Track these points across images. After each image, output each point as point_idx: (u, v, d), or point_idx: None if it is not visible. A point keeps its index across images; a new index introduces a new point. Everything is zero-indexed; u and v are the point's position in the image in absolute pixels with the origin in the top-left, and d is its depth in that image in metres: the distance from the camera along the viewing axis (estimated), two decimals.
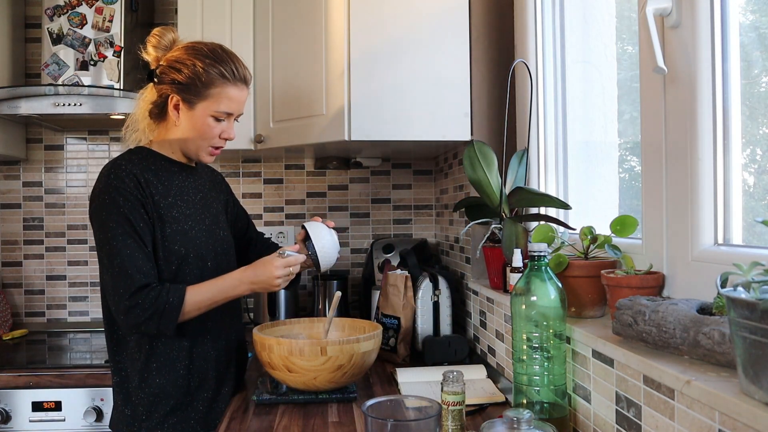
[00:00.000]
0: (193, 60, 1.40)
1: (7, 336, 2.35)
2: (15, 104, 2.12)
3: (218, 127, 1.45)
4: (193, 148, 1.47)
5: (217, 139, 1.46)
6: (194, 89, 1.40)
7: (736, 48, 0.97)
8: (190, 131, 1.44)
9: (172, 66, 1.41)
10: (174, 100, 1.42)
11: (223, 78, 1.41)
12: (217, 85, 1.41)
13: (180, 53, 1.43)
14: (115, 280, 1.32)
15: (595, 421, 1.10)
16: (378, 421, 0.97)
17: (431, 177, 2.64)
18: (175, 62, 1.42)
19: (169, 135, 1.47)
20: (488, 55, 1.84)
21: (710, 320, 0.81)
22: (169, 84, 1.41)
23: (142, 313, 1.31)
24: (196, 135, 1.44)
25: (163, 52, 1.45)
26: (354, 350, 1.39)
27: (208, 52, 1.42)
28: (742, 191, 0.98)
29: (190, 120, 1.43)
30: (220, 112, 1.43)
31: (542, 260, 1.12)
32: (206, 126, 1.43)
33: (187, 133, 1.44)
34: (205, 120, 1.43)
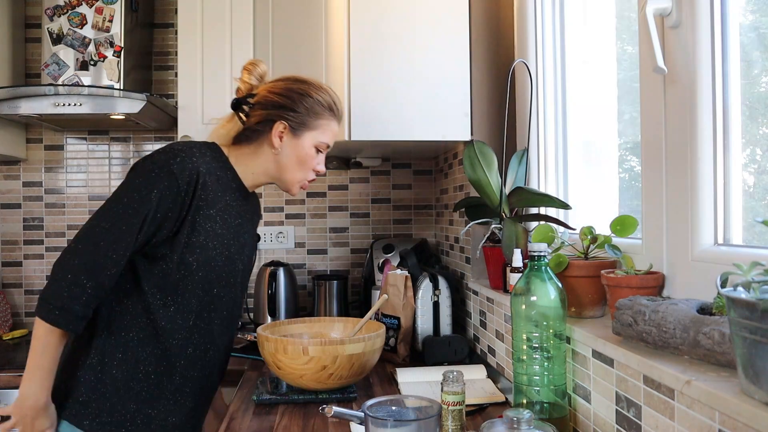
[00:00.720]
0: (304, 89, 1.42)
1: (7, 336, 2.36)
2: (15, 104, 2.12)
3: (317, 158, 1.46)
4: (289, 177, 1.45)
5: (312, 171, 1.46)
6: (304, 118, 1.41)
7: (736, 48, 0.97)
8: (290, 159, 1.43)
9: (280, 93, 1.41)
10: (280, 126, 1.40)
11: (330, 111, 1.44)
12: (326, 117, 1.43)
13: (287, 83, 1.43)
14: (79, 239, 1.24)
15: (595, 421, 1.10)
16: (378, 420, 0.97)
17: (431, 177, 2.64)
18: (286, 90, 1.42)
19: (257, 157, 1.43)
20: (488, 55, 1.84)
21: (710, 320, 0.81)
22: (276, 110, 1.40)
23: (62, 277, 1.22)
24: (296, 164, 1.43)
25: (257, 81, 1.45)
26: (338, 352, 1.39)
27: (318, 86, 1.45)
28: (742, 191, 0.98)
29: (293, 148, 1.42)
30: (322, 143, 1.44)
31: (542, 260, 1.12)
32: (309, 156, 1.43)
33: (286, 161, 1.43)
34: (309, 150, 1.43)
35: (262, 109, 1.42)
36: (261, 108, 1.42)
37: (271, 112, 1.41)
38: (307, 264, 2.59)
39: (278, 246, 2.58)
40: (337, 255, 2.60)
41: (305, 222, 2.60)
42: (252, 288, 2.47)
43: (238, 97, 1.46)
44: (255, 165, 1.45)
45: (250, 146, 1.44)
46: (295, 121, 1.41)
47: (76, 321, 1.23)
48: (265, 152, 1.43)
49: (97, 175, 2.58)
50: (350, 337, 1.44)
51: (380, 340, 1.49)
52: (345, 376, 1.43)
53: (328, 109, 1.44)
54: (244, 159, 1.44)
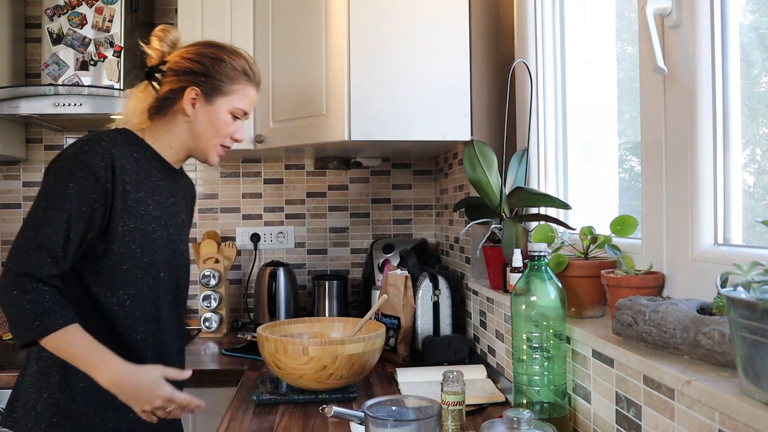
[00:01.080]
0: (216, 53, 1.38)
1: (7, 336, 2.35)
2: (15, 104, 2.12)
3: (233, 125, 1.41)
4: (204, 145, 1.41)
5: (229, 138, 1.42)
6: (217, 83, 1.36)
7: (736, 48, 0.97)
8: (204, 126, 1.38)
9: (191, 58, 1.37)
10: (192, 92, 1.35)
11: (245, 76, 1.40)
12: (241, 82, 1.39)
13: (199, 47, 1.39)
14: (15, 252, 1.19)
15: (595, 421, 1.10)
16: (378, 420, 0.97)
17: (431, 177, 2.64)
18: (198, 56, 1.37)
19: (173, 130, 1.39)
20: (488, 55, 1.84)
21: (710, 320, 0.81)
22: (187, 76, 1.36)
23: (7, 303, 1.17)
24: (211, 131, 1.39)
25: (168, 48, 1.40)
26: (338, 352, 1.39)
27: (233, 50, 1.41)
28: (742, 191, 0.98)
29: (207, 114, 1.38)
30: (238, 109, 1.40)
31: (542, 260, 1.12)
32: (223, 122, 1.39)
33: (200, 128, 1.38)
34: (224, 116, 1.39)
35: (174, 76, 1.37)
36: (173, 74, 1.37)
37: (182, 78, 1.36)
38: (307, 264, 2.59)
39: (278, 246, 2.58)
40: (337, 255, 2.60)
41: (305, 222, 2.60)
42: (252, 288, 2.47)
43: (150, 66, 1.40)
44: (171, 138, 1.40)
45: (164, 118, 1.39)
46: (207, 86, 1.36)
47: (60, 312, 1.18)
48: (179, 122, 1.39)
49: None
50: (350, 337, 1.44)
51: (380, 340, 1.49)
52: (345, 376, 1.43)
53: (243, 74, 1.39)
54: (160, 134, 1.40)
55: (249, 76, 1.41)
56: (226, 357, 2.00)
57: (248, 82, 1.41)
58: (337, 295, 2.38)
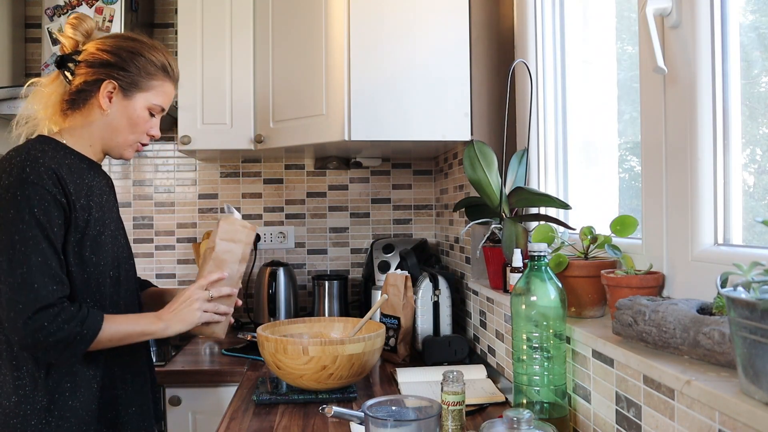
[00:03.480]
0: (135, 47, 1.34)
1: None
2: (15, 104, 2.12)
3: (150, 121, 1.38)
4: (120, 140, 1.36)
5: (145, 135, 1.38)
6: (135, 78, 1.33)
7: (736, 48, 0.97)
8: (120, 121, 1.34)
9: (108, 50, 1.32)
10: (109, 86, 1.31)
11: (164, 72, 1.37)
12: (159, 78, 1.36)
13: (117, 40, 1.34)
14: (15, 293, 1.14)
15: (595, 421, 1.10)
16: (378, 420, 0.97)
17: (431, 177, 2.64)
18: (116, 48, 1.32)
19: (90, 125, 1.34)
20: (488, 55, 1.84)
21: (710, 320, 0.81)
22: (104, 68, 1.31)
23: (45, 339, 1.14)
24: (127, 126, 1.35)
25: (83, 38, 1.35)
26: (338, 352, 1.39)
27: (149, 43, 1.37)
28: (742, 191, 0.98)
29: (124, 110, 1.33)
30: (156, 106, 1.37)
31: (542, 260, 1.12)
32: (140, 118, 1.35)
33: (117, 123, 1.34)
34: (141, 112, 1.35)
35: (89, 67, 1.31)
36: (88, 66, 1.32)
37: (98, 70, 1.31)
38: (307, 264, 2.59)
39: (278, 246, 2.58)
40: (337, 255, 2.60)
41: (305, 222, 2.60)
42: (252, 288, 2.47)
43: (62, 54, 1.35)
44: (90, 135, 1.35)
45: (80, 113, 1.33)
46: (125, 80, 1.32)
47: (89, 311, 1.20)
48: (95, 117, 1.33)
49: None
50: (350, 337, 1.44)
51: (380, 340, 1.49)
52: (345, 376, 1.43)
53: (161, 69, 1.36)
54: (78, 132, 1.34)
55: (168, 72, 1.38)
56: (226, 357, 2.00)
57: (166, 78, 1.38)
58: (337, 295, 2.38)
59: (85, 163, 1.34)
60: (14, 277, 1.15)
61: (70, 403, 1.23)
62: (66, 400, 1.23)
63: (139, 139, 1.38)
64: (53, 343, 1.15)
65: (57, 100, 1.34)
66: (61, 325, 1.15)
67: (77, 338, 1.17)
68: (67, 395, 1.23)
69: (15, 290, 1.15)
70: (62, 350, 1.17)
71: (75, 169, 1.29)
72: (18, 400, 1.21)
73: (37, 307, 1.14)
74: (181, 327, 1.31)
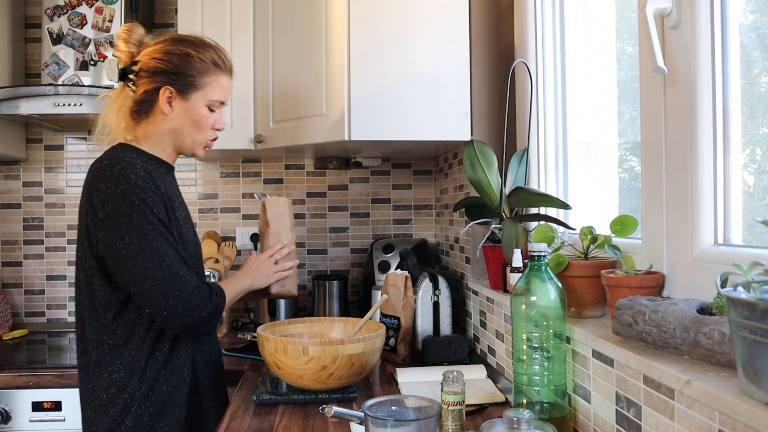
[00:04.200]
0: (183, 49, 1.38)
1: (7, 336, 2.35)
2: (15, 104, 2.12)
3: (212, 117, 1.44)
4: (188, 141, 1.43)
5: (211, 130, 1.45)
6: (188, 79, 1.38)
7: (736, 48, 0.97)
8: (184, 123, 1.41)
9: (160, 58, 1.37)
10: (167, 92, 1.37)
11: (216, 66, 1.41)
12: (212, 74, 1.41)
13: (165, 45, 1.39)
14: (168, 283, 1.27)
15: (595, 421, 1.10)
16: (378, 420, 0.97)
17: (431, 177, 2.64)
18: (165, 54, 1.38)
19: (159, 130, 1.42)
20: (488, 55, 1.84)
21: (710, 320, 0.81)
22: (159, 76, 1.37)
23: (200, 315, 1.31)
24: (191, 127, 1.41)
25: (136, 48, 1.40)
26: (338, 352, 1.39)
27: (197, 42, 1.41)
28: (742, 191, 0.98)
29: (185, 112, 1.40)
30: (214, 101, 1.42)
31: (542, 260, 1.12)
32: (202, 116, 1.41)
33: (181, 125, 1.41)
34: (201, 110, 1.41)
35: (147, 77, 1.38)
36: (145, 76, 1.39)
37: (155, 78, 1.38)
38: (307, 264, 2.59)
39: None
40: (337, 255, 2.60)
41: (305, 222, 2.60)
42: None
43: (122, 67, 1.41)
44: (161, 140, 1.43)
45: (147, 120, 1.42)
46: (180, 84, 1.38)
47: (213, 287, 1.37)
48: (161, 123, 1.41)
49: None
50: (350, 337, 1.43)
51: (380, 340, 1.49)
52: (345, 376, 1.43)
53: (212, 64, 1.41)
54: (151, 138, 1.42)
55: (219, 66, 1.42)
56: (226, 357, 1.99)
57: (219, 71, 1.42)
58: (337, 295, 2.38)
59: (164, 167, 1.45)
60: (162, 271, 1.27)
61: (165, 389, 1.36)
62: (162, 386, 1.36)
63: (207, 136, 1.46)
64: (206, 318, 1.32)
65: (126, 111, 1.43)
66: (206, 301, 1.32)
67: (218, 308, 1.35)
68: (162, 381, 1.36)
69: (167, 281, 1.27)
70: (209, 322, 1.33)
71: (157, 173, 1.39)
72: (116, 392, 1.34)
73: (189, 290, 1.29)
74: (261, 282, 1.53)
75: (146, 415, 1.34)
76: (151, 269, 1.27)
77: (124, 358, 1.34)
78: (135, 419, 1.33)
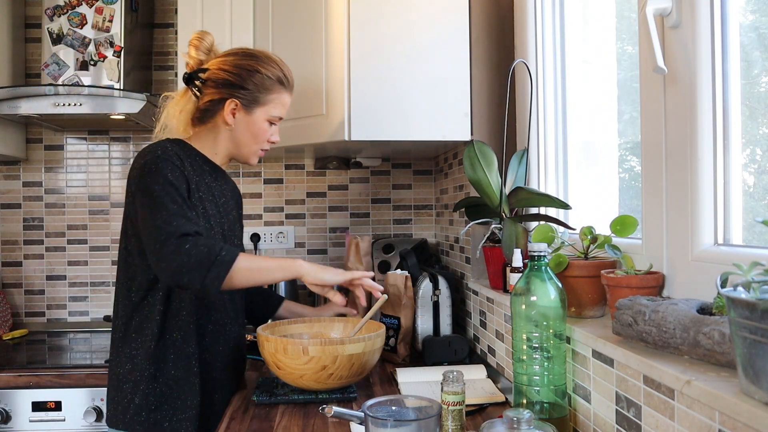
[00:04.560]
0: (252, 65, 1.45)
1: (7, 336, 2.36)
2: (15, 104, 2.12)
3: (270, 130, 1.51)
4: (245, 151, 1.51)
5: (267, 142, 1.52)
6: (255, 95, 1.45)
7: (736, 48, 0.97)
8: (244, 135, 1.48)
9: (229, 71, 1.44)
10: (232, 104, 1.44)
11: (280, 84, 1.48)
12: (276, 91, 1.48)
13: (235, 59, 1.46)
14: (159, 231, 1.27)
15: (595, 421, 1.10)
16: (378, 420, 0.97)
17: (431, 177, 2.64)
18: (233, 67, 1.44)
19: (216, 137, 1.49)
20: (488, 55, 1.84)
21: (710, 320, 0.81)
22: (226, 88, 1.44)
23: (189, 259, 1.25)
24: (251, 139, 1.49)
25: (205, 56, 1.48)
26: (338, 352, 1.39)
27: (265, 58, 1.48)
28: (742, 191, 0.98)
29: (247, 125, 1.47)
30: (275, 117, 1.50)
31: (542, 260, 1.12)
32: (261, 130, 1.48)
33: (240, 136, 1.48)
34: (262, 125, 1.48)
35: (214, 87, 1.45)
36: (212, 86, 1.45)
37: (222, 90, 1.45)
38: None
39: (278, 246, 2.58)
40: (337, 255, 2.60)
41: (305, 222, 2.60)
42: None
43: (189, 72, 1.48)
44: (216, 145, 1.50)
45: (207, 126, 1.49)
46: (246, 98, 1.45)
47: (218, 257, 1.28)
48: (221, 130, 1.49)
49: (97, 175, 2.58)
50: (350, 337, 1.44)
51: (380, 340, 1.49)
52: (345, 376, 1.43)
53: (278, 82, 1.47)
54: (206, 141, 1.50)
55: (284, 84, 1.49)
56: None
57: (282, 89, 1.49)
58: None
59: (208, 166, 1.50)
60: (155, 221, 1.28)
61: (173, 373, 1.40)
62: (170, 369, 1.40)
63: (261, 147, 1.52)
64: (196, 264, 1.25)
65: (187, 114, 1.50)
66: (201, 247, 1.26)
67: (217, 258, 1.26)
68: (171, 365, 1.40)
69: (158, 229, 1.27)
70: (206, 271, 1.25)
71: (196, 166, 1.45)
72: (131, 368, 1.40)
73: (179, 233, 1.27)
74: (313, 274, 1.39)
75: (152, 396, 1.38)
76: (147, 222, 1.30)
77: (141, 338, 1.40)
78: (142, 398, 1.38)
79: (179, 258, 1.25)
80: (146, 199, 1.32)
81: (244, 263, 1.30)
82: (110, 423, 1.43)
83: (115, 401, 1.42)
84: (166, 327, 1.40)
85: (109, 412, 1.44)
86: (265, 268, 1.36)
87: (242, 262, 1.30)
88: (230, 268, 1.27)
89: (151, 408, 1.38)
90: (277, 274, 1.38)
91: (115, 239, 2.55)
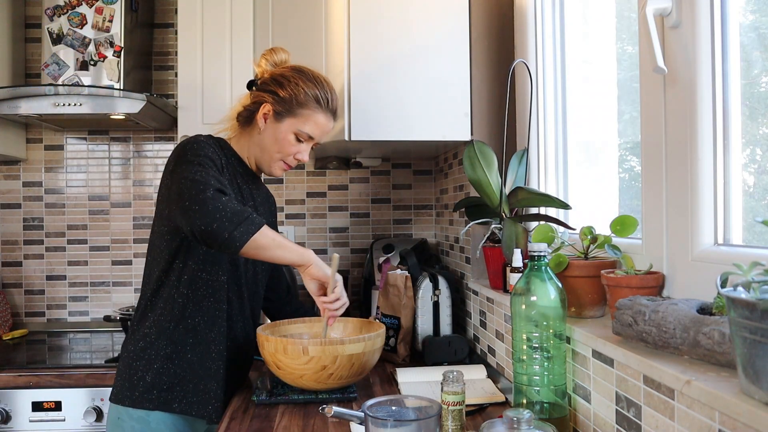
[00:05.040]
0: (297, 79, 1.49)
1: (7, 336, 2.36)
2: (15, 104, 2.12)
3: (296, 146, 1.51)
4: (266, 158, 1.52)
5: (292, 157, 1.52)
6: (288, 105, 1.48)
7: (736, 48, 0.97)
8: (268, 140, 1.50)
9: (276, 79, 1.50)
10: (266, 108, 1.48)
11: (317, 102, 1.50)
12: (310, 108, 1.49)
13: (286, 71, 1.51)
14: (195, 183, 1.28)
15: (595, 421, 1.10)
16: (378, 420, 0.97)
17: (431, 177, 2.64)
18: (280, 77, 1.50)
19: (250, 141, 1.53)
20: (488, 55, 1.84)
21: (710, 320, 0.81)
22: (267, 93, 1.49)
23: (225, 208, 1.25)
24: (272, 145, 1.50)
25: (271, 67, 1.54)
26: (338, 352, 1.39)
27: (312, 77, 1.51)
28: (742, 191, 0.98)
29: (273, 131, 1.49)
30: (302, 132, 1.50)
31: (542, 260, 1.12)
32: (286, 141, 1.49)
33: (265, 142, 1.51)
34: (287, 135, 1.49)
35: (258, 90, 1.52)
36: (257, 89, 1.52)
37: (262, 93, 1.50)
38: None
39: None
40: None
41: (305, 222, 2.60)
42: None
43: (252, 79, 1.56)
44: (247, 147, 1.54)
45: (246, 128, 1.54)
46: (278, 105, 1.48)
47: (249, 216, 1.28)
48: (254, 133, 1.53)
49: (97, 175, 2.58)
50: (350, 337, 1.43)
51: (380, 340, 1.49)
52: (345, 376, 1.43)
53: (314, 100, 1.49)
54: (242, 143, 1.55)
55: (320, 104, 1.50)
56: None
57: (318, 108, 1.50)
58: None
59: (241, 168, 1.54)
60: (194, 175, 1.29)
61: (190, 356, 1.43)
62: (185, 353, 1.43)
63: (285, 159, 1.53)
64: (230, 215, 1.25)
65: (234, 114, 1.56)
66: (236, 204, 1.28)
67: (249, 217, 1.27)
68: (188, 348, 1.43)
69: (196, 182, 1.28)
70: (237, 225, 1.25)
71: (229, 167, 1.48)
72: (144, 346, 1.42)
73: (217, 187, 1.29)
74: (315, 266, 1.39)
75: (166, 375, 1.41)
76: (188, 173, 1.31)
77: (157, 317, 1.43)
78: (155, 377, 1.41)
79: (215, 204, 1.25)
80: (184, 165, 1.34)
81: (269, 232, 1.31)
82: (115, 399, 1.44)
83: (123, 377, 1.44)
84: (188, 311, 1.43)
85: (116, 388, 1.45)
86: (283, 245, 1.36)
87: (268, 231, 1.31)
88: (259, 229, 1.29)
89: (163, 387, 1.41)
90: (293, 255, 1.38)
91: (115, 239, 2.55)
